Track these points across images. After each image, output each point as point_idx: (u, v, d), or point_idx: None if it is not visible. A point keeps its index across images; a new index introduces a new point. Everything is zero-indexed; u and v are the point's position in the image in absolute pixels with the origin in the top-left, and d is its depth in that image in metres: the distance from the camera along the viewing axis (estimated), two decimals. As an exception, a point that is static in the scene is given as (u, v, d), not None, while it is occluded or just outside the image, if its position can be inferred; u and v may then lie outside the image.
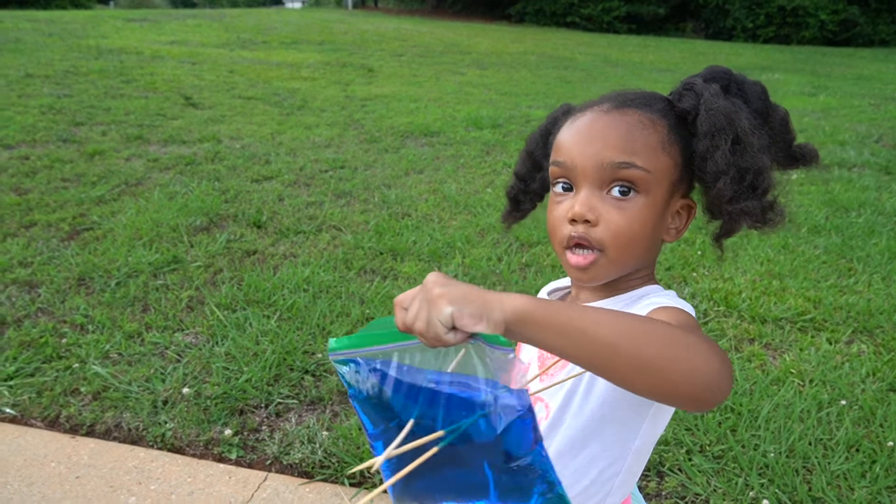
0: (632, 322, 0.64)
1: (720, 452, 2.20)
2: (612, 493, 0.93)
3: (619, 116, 0.83)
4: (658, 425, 0.90)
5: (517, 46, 15.57)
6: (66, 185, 4.47)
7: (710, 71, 0.84)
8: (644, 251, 0.86)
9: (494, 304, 0.63)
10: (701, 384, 0.63)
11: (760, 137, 0.79)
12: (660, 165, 0.82)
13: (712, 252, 3.80)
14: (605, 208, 0.82)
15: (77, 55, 9.59)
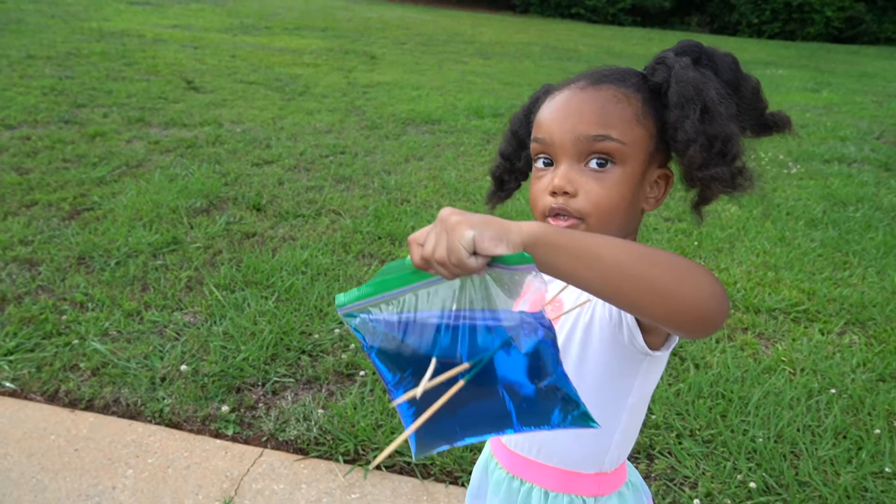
0: (640, 247, 0.68)
1: (710, 437, 2.23)
2: (610, 450, 0.96)
3: (595, 92, 0.87)
4: (649, 382, 0.93)
5: (521, 37, 15.52)
6: (67, 165, 4.48)
7: (682, 45, 0.87)
8: (623, 219, 0.88)
9: (512, 228, 0.67)
10: (707, 303, 0.66)
11: (728, 106, 0.81)
12: (634, 137, 0.85)
13: (709, 242, 3.83)
14: (583, 180, 0.86)
15: (79, 37, 9.57)
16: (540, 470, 1.00)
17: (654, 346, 0.86)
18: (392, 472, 2.09)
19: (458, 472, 2.07)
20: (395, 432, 2.18)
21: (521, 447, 1.02)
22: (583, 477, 0.98)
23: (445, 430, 0.73)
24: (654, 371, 0.93)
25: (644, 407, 0.97)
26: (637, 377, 0.91)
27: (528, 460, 1.01)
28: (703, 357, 2.69)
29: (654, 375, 0.94)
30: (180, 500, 1.93)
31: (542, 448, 1.00)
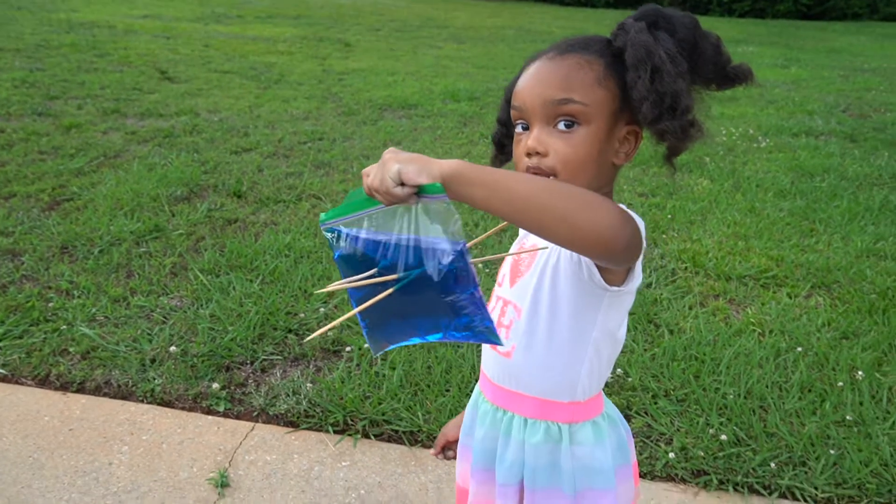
0: (547, 182, 0.81)
1: (683, 396, 2.34)
2: (580, 380, 1.05)
3: (561, 61, 0.96)
4: (612, 317, 1.01)
5: (494, 21, 15.54)
6: (43, 157, 4.47)
7: (641, 10, 0.95)
8: (593, 173, 0.97)
9: (433, 163, 0.78)
10: (603, 230, 0.77)
11: (678, 64, 0.90)
12: (596, 98, 0.94)
13: (682, 215, 3.94)
14: (552, 140, 0.95)
15: (48, 28, 9.44)
16: (519, 400, 1.09)
17: (613, 283, 0.95)
18: (381, 440, 2.17)
19: (445, 438, 2.15)
20: (382, 403, 2.26)
21: (502, 380, 1.11)
22: (558, 405, 1.07)
23: (395, 331, 0.91)
24: (616, 307, 1.01)
25: (611, 343, 1.05)
26: (599, 311, 1.00)
27: (509, 391, 1.10)
28: (677, 323, 2.80)
29: (616, 312, 1.02)
30: (176, 472, 1.99)
31: (521, 379, 1.08)
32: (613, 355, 1.08)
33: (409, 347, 2.54)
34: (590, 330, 1.02)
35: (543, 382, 1.07)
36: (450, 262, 0.81)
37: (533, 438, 1.07)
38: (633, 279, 0.95)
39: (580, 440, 1.07)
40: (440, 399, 2.28)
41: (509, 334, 1.08)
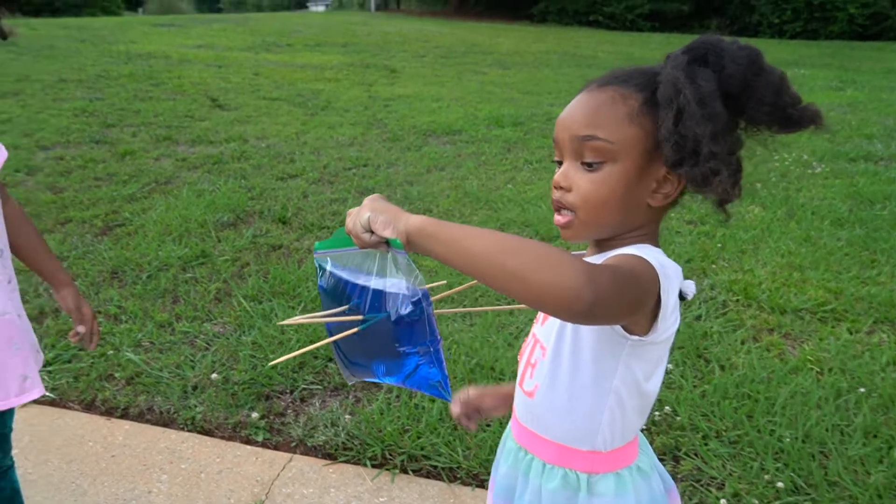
0: (506, 239, 0.77)
1: (736, 437, 2.23)
2: (601, 430, 0.99)
3: (597, 93, 0.93)
4: (636, 368, 0.95)
5: (539, 46, 15.58)
6: (98, 183, 4.61)
7: (694, 42, 0.89)
8: (620, 214, 0.93)
9: (401, 217, 0.83)
10: (561, 290, 0.72)
11: (706, 106, 0.83)
12: (625, 136, 0.90)
13: (733, 244, 3.81)
14: (577, 176, 0.93)
15: (108, 60, 9.84)
16: (540, 443, 1.05)
17: (634, 332, 0.90)
18: (419, 475, 2.12)
19: (484, 476, 2.09)
20: (422, 437, 2.21)
21: (526, 419, 1.07)
22: (576, 453, 1.01)
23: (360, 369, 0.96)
24: (639, 357, 0.95)
25: (637, 394, 0.99)
26: (620, 361, 0.94)
27: (531, 432, 1.06)
28: (729, 358, 2.68)
29: (640, 362, 0.95)
30: (213, 503, 1.98)
31: (541, 421, 1.04)
32: (642, 408, 1.02)
33: (450, 378, 2.49)
34: (609, 378, 0.96)
35: (563, 427, 1.02)
36: (408, 313, 0.84)
37: (550, 484, 1.03)
38: (658, 330, 0.89)
39: (600, 492, 1.01)
40: (480, 434, 2.23)
41: (534, 373, 1.04)
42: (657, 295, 0.85)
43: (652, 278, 0.84)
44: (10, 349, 1.33)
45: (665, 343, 0.94)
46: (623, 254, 0.88)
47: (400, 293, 0.86)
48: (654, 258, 0.87)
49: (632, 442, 1.04)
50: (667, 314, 0.88)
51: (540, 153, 5.87)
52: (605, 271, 0.77)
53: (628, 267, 0.84)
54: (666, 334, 0.91)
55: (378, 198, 0.87)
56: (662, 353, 0.97)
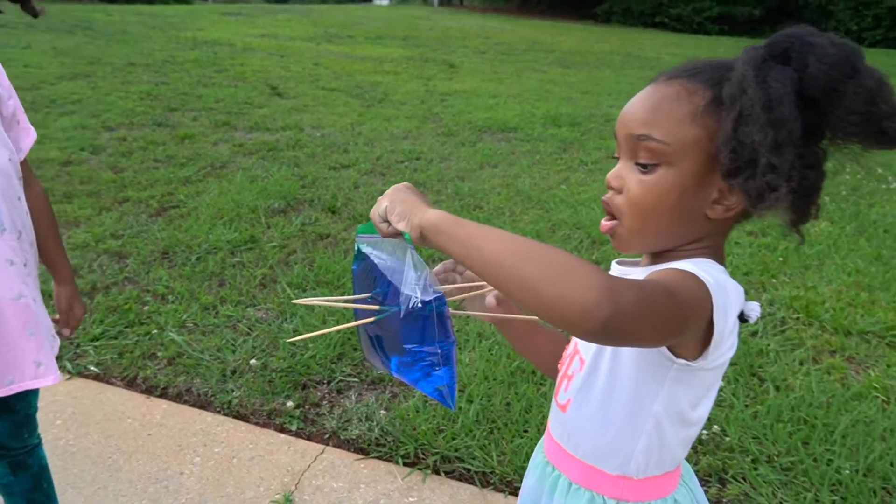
0: (522, 244, 0.70)
1: (789, 464, 2.10)
2: (634, 455, 0.91)
3: (661, 88, 0.84)
4: (681, 394, 0.86)
5: (602, 46, 15.29)
6: (157, 165, 4.72)
7: (781, 34, 0.79)
8: (671, 225, 0.84)
9: (417, 212, 0.78)
10: (572, 305, 0.64)
11: (773, 111, 0.73)
12: (683, 137, 0.80)
13: (796, 259, 3.62)
14: (629, 178, 0.84)
15: (175, 46, 10.10)
16: (568, 460, 0.98)
17: (682, 355, 0.81)
18: (451, 477, 2.07)
19: (518, 483, 2.02)
20: (456, 438, 2.16)
21: (557, 433, 1.00)
22: (605, 476, 0.94)
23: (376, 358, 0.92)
24: (686, 384, 0.85)
25: (680, 422, 0.90)
26: (664, 385, 0.85)
27: (560, 448, 0.99)
28: (785, 379, 2.54)
29: (687, 389, 0.86)
30: (242, 490, 1.97)
31: (571, 437, 0.97)
32: (685, 436, 0.92)
33: (489, 380, 2.44)
34: (650, 402, 0.87)
35: (593, 446, 0.94)
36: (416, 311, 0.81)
37: None
38: (711, 355, 0.80)
39: None
40: (517, 440, 2.16)
41: (569, 386, 0.97)
42: (708, 316, 0.75)
43: (700, 298, 0.75)
44: (25, 334, 1.31)
45: (718, 370, 0.85)
46: (670, 268, 0.79)
47: (411, 289, 0.82)
48: (709, 275, 0.77)
49: (671, 472, 0.95)
50: (721, 339, 0.78)
51: (596, 154, 5.73)
52: (631, 287, 0.67)
53: (668, 283, 0.74)
54: (719, 361, 0.82)
55: (402, 188, 0.84)
56: (714, 379, 0.88)
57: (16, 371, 1.32)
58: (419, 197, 0.83)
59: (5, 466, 1.46)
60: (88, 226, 3.60)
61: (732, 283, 0.81)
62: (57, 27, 10.75)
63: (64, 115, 5.74)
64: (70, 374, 2.43)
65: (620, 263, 0.98)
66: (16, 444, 1.45)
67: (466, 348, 2.65)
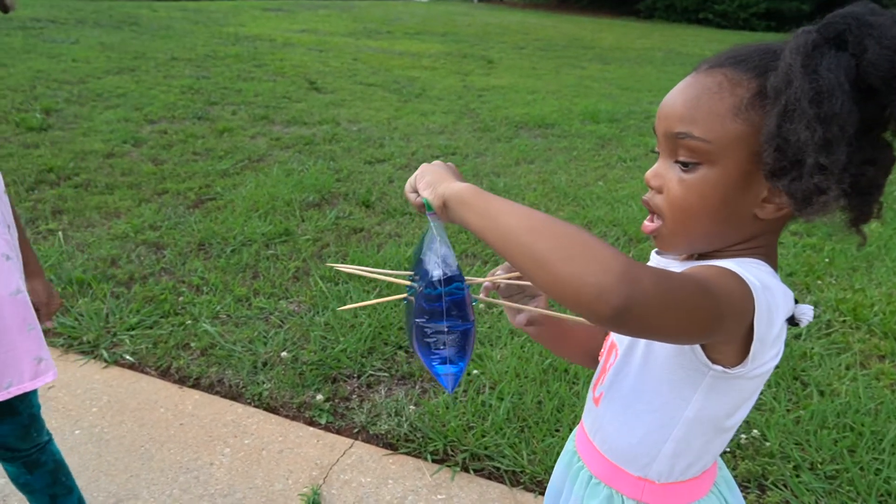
0: (542, 220, 0.66)
1: (833, 472, 2.01)
2: (658, 459, 0.86)
3: (702, 79, 0.77)
4: (716, 402, 0.81)
5: (643, 42, 15.03)
6: (196, 158, 4.78)
7: (832, 14, 0.70)
8: (714, 225, 0.78)
9: (444, 182, 0.77)
10: (586, 286, 0.59)
11: (822, 105, 0.66)
12: (726, 133, 0.74)
13: (843, 260, 3.49)
14: (669, 177, 0.79)
15: (217, 41, 10.25)
16: (593, 454, 0.94)
17: (718, 361, 0.76)
18: (480, 475, 2.03)
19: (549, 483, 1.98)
20: (486, 436, 2.13)
21: (588, 425, 0.97)
22: (625, 475, 0.90)
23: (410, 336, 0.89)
24: (723, 392, 0.80)
25: (712, 431, 0.85)
26: (698, 391, 0.80)
27: (588, 441, 0.96)
28: (830, 383, 2.44)
29: (723, 397, 0.81)
30: (271, 482, 1.96)
31: (598, 431, 0.94)
32: (715, 445, 0.87)
33: (520, 377, 2.40)
34: (682, 407, 0.82)
35: (618, 445, 0.90)
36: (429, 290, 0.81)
37: (592, 501, 0.92)
38: (752, 363, 0.74)
39: None
40: (548, 439, 2.11)
41: (604, 379, 0.93)
42: (749, 320, 0.70)
43: (739, 298, 0.69)
44: (24, 330, 1.30)
45: (760, 378, 0.79)
46: (710, 264, 0.74)
47: (430, 268, 0.82)
48: (754, 276, 0.71)
49: (698, 478, 0.90)
50: (763, 346, 0.72)
51: (635, 151, 5.62)
52: (655, 274, 0.62)
53: (703, 277, 0.69)
54: (762, 369, 0.76)
55: (438, 163, 0.83)
56: (755, 388, 0.82)
57: (14, 373, 1.30)
58: (451, 172, 0.81)
59: (21, 466, 1.46)
60: (128, 217, 3.67)
61: (781, 287, 0.75)
62: (105, 23, 11.01)
63: (109, 109, 5.86)
64: (106, 363, 2.47)
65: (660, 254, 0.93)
66: (26, 444, 1.44)
67: (498, 345, 2.62)
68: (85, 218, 3.64)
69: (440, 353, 0.82)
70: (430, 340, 0.82)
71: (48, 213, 3.66)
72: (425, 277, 0.82)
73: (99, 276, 3.01)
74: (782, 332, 0.75)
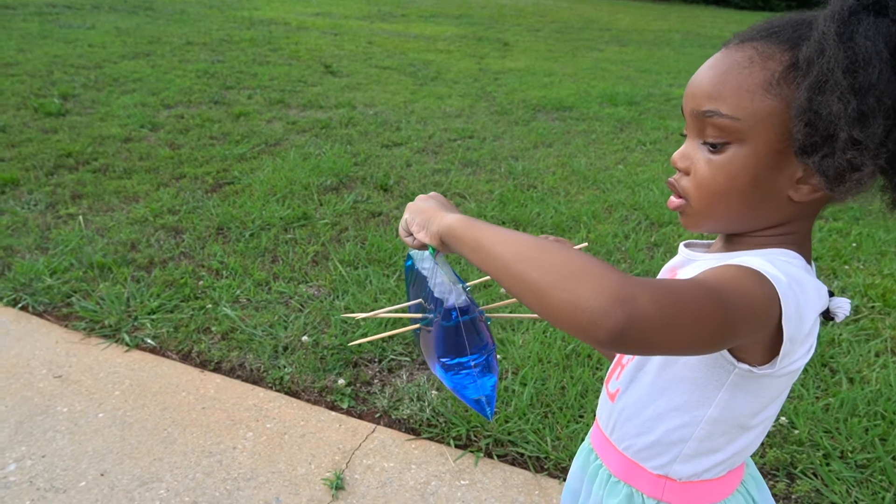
0: (531, 247, 0.64)
1: (865, 461, 1.97)
2: (679, 459, 0.84)
3: (732, 54, 0.73)
4: (742, 401, 0.77)
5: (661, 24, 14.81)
6: (213, 142, 4.77)
7: None
8: (743, 207, 0.74)
9: (435, 219, 0.77)
10: (578, 312, 0.57)
11: (858, 76, 0.62)
12: (756, 110, 0.70)
13: (871, 244, 3.42)
14: (697, 157, 0.76)
15: (232, 25, 10.21)
16: (610, 451, 0.92)
17: (744, 359, 0.72)
18: (504, 461, 2.02)
19: (573, 470, 1.96)
20: (509, 421, 2.11)
21: (604, 422, 0.95)
22: (645, 473, 0.87)
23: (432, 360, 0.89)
24: (749, 391, 0.77)
25: (737, 431, 0.81)
26: (722, 389, 0.77)
27: (605, 438, 0.94)
28: (860, 371, 2.39)
29: (749, 397, 0.77)
30: (294, 466, 1.96)
31: (616, 428, 0.91)
32: (741, 446, 0.83)
33: (543, 363, 2.37)
34: (705, 406, 0.79)
35: (637, 442, 0.87)
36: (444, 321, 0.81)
37: (612, 500, 0.90)
38: (781, 362, 0.70)
39: None
40: (572, 426, 2.09)
41: (621, 375, 0.90)
42: (775, 321, 0.66)
43: (760, 302, 0.65)
44: None
45: (790, 376, 0.75)
46: (730, 264, 0.69)
47: (443, 299, 0.82)
48: (783, 272, 0.67)
49: (723, 478, 0.87)
50: (793, 346, 0.68)
51: (655, 134, 5.54)
52: (655, 291, 0.58)
53: (718, 284, 0.64)
54: (791, 368, 0.72)
55: (424, 197, 0.84)
56: (784, 386, 0.78)
57: None
58: (440, 203, 0.81)
59: None
60: (147, 201, 3.66)
61: (814, 282, 0.71)
62: (120, 7, 11.00)
63: (125, 94, 5.86)
64: (128, 347, 2.47)
65: (688, 246, 0.89)
66: None
67: (520, 330, 2.59)
68: (104, 202, 3.64)
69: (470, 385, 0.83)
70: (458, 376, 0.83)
71: (68, 198, 3.66)
72: (439, 309, 0.82)
73: (119, 260, 3.01)
74: (815, 328, 0.71)
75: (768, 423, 0.84)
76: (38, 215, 3.45)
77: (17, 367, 2.33)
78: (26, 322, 2.60)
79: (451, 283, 0.83)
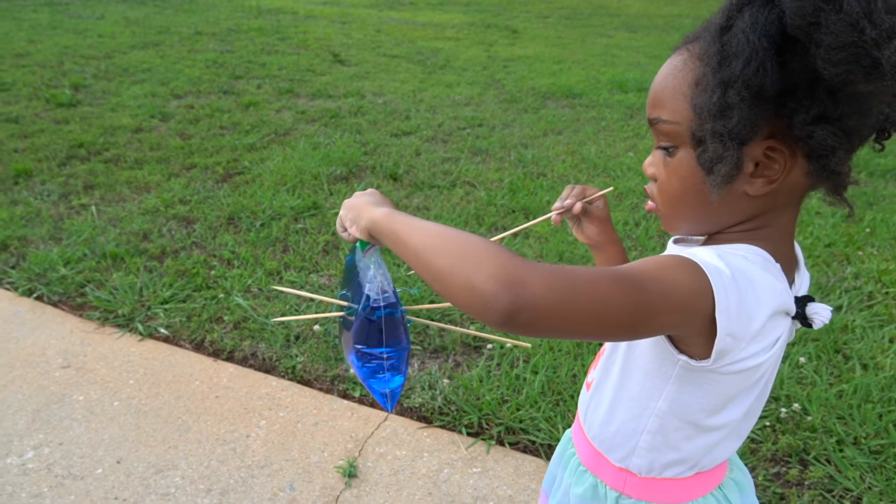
0: (440, 237, 0.66)
1: (878, 447, 1.96)
2: (636, 452, 0.84)
3: (673, 59, 0.73)
4: (689, 394, 0.76)
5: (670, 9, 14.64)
6: (223, 132, 4.77)
7: None
8: (699, 207, 0.74)
9: (364, 214, 0.79)
10: (471, 294, 0.60)
11: (722, 69, 0.64)
12: (688, 112, 0.70)
13: (884, 230, 3.39)
14: (658, 163, 0.78)
15: (240, 14, 10.20)
16: (582, 440, 0.94)
17: (685, 352, 0.72)
18: (516, 449, 2.02)
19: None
20: (521, 409, 2.11)
21: (581, 410, 0.97)
22: (608, 465, 0.89)
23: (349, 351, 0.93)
24: (695, 385, 0.76)
25: (689, 427, 0.80)
26: (669, 382, 0.77)
27: (579, 426, 0.96)
28: (874, 357, 2.38)
29: (696, 391, 0.76)
30: (307, 454, 1.97)
31: (587, 418, 0.93)
32: (701, 447, 0.81)
33: (554, 350, 2.37)
34: (655, 397, 0.80)
35: (601, 430, 0.89)
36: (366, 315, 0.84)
37: (578, 489, 0.92)
38: (721, 358, 0.68)
39: None
40: (583, 413, 2.09)
41: (597, 365, 0.92)
42: (706, 314, 0.64)
43: (683, 291, 0.64)
44: None
45: (741, 376, 0.73)
46: (664, 254, 0.71)
47: (369, 294, 0.85)
48: (730, 265, 0.66)
49: (687, 479, 0.85)
50: (737, 341, 0.66)
51: (666, 121, 5.50)
52: (547, 274, 0.59)
53: (633, 271, 0.64)
54: (739, 366, 0.70)
55: (358, 194, 0.85)
56: (739, 388, 0.76)
57: None
58: (374, 199, 0.82)
59: None
60: (158, 191, 3.68)
61: (767, 279, 0.69)
62: (127, -1, 11.00)
63: (135, 84, 5.87)
64: (142, 336, 2.49)
65: (677, 242, 0.90)
66: None
67: (531, 318, 2.59)
68: (116, 192, 3.66)
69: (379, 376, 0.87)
70: (370, 365, 0.87)
71: (80, 188, 3.69)
72: (365, 303, 0.85)
73: (132, 250, 3.03)
74: (773, 329, 0.69)
75: (741, 430, 0.82)
76: (52, 206, 3.47)
77: (33, 357, 2.36)
78: (41, 312, 2.63)
79: (380, 279, 0.86)
